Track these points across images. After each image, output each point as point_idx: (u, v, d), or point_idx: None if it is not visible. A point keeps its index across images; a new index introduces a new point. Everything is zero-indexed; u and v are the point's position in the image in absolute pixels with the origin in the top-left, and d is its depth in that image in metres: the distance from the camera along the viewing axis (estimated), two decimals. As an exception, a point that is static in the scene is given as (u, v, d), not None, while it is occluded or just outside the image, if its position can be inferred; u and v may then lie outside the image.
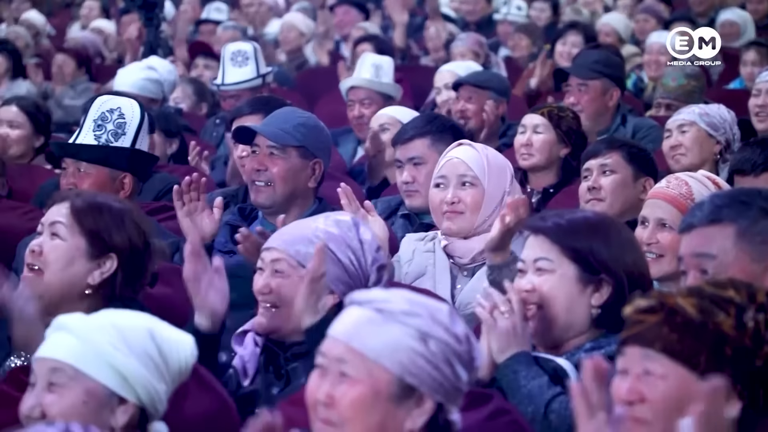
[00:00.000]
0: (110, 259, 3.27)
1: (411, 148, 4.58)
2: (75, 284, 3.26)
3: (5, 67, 8.60)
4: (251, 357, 3.25)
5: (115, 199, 3.40)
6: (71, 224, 3.26)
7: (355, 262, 3.19)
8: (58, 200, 3.32)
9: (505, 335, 2.97)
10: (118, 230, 3.27)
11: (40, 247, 3.27)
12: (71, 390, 2.52)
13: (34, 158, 5.92)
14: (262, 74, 6.71)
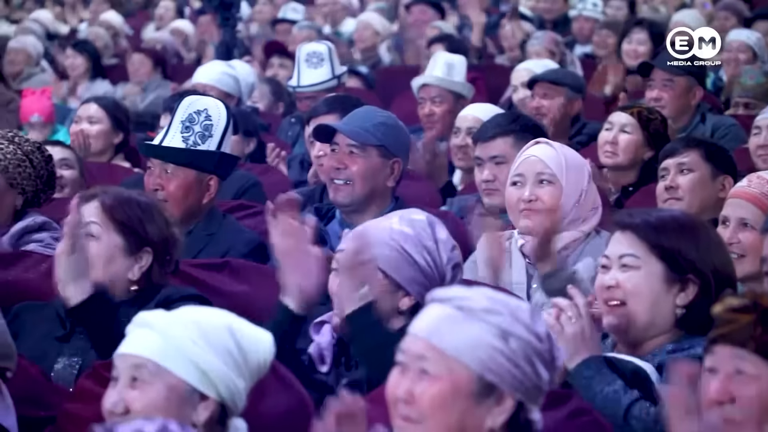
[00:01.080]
0: (147, 253, 3.31)
1: (493, 147, 4.56)
2: (117, 281, 3.30)
3: (85, 67, 8.71)
4: (328, 345, 3.26)
5: (139, 193, 3.44)
6: (105, 222, 3.29)
7: (430, 263, 3.18)
8: (83, 200, 3.33)
9: (573, 340, 2.95)
10: (150, 223, 3.31)
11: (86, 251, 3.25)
12: (154, 386, 2.54)
13: (114, 157, 6.00)
14: (337, 75, 6.73)
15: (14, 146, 4.26)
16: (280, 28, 10.48)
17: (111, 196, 3.33)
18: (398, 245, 3.17)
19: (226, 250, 4.14)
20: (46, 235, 4.21)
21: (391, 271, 3.17)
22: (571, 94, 6.13)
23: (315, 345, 3.26)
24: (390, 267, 3.17)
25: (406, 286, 3.18)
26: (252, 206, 4.78)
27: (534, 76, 6.33)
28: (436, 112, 6.31)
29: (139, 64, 9.05)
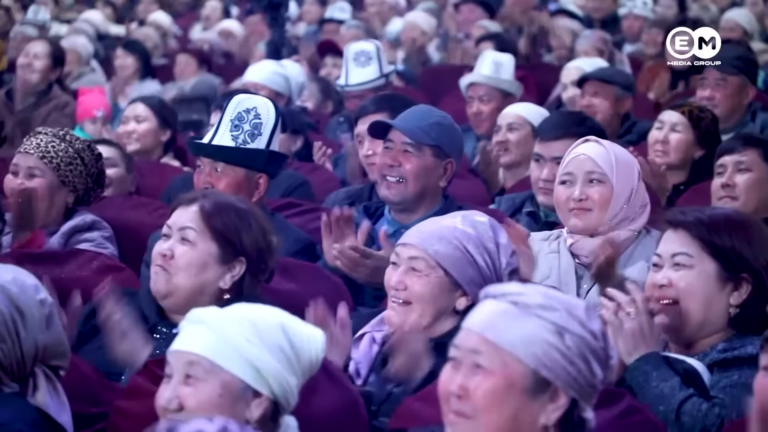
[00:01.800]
0: (240, 263, 3.29)
1: (557, 147, 4.54)
2: (206, 289, 3.29)
3: (135, 67, 8.77)
4: (364, 358, 3.26)
5: (239, 200, 3.42)
6: (202, 229, 3.27)
7: (490, 265, 3.19)
8: (185, 203, 3.32)
9: (632, 336, 2.94)
10: (247, 233, 3.28)
11: (171, 251, 3.28)
12: (208, 383, 2.54)
13: (164, 155, 6.03)
14: (385, 74, 6.74)
15: (66, 144, 4.29)
16: (328, 27, 10.50)
17: (211, 202, 3.29)
18: (461, 244, 3.17)
19: (276, 249, 4.14)
20: (97, 235, 4.24)
21: (451, 269, 3.18)
22: (620, 92, 6.10)
23: (352, 363, 3.27)
24: (451, 265, 3.17)
25: (465, 285, 3.18)
26: (300, 204, 4.79)
27: (584, 75, 6.30)
28: (483, 110, 6.30)
29: (185, 65, 9.10)
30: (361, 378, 3.24)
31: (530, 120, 5.40)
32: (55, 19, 12.04)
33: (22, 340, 2.68)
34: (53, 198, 4.28)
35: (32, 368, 2.72)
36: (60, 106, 7.22)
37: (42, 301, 2.72)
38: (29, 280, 2.73)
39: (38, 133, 4.34)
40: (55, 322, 2.75)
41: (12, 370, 2.69)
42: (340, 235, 3.98)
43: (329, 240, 3.99)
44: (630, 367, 2.94)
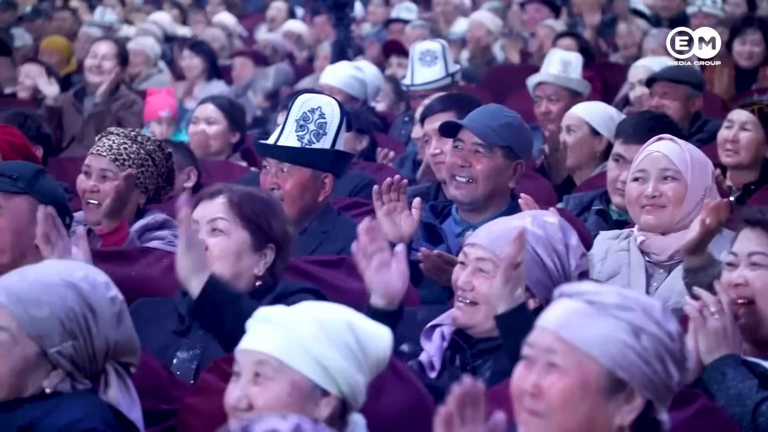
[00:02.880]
0: (271, 250, 3.33)
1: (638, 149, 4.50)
2: (243, 277, 3.31)
3: (201, 68, 8.83)
4: (436, 351, 3.25)
5: (260, 190, 3.46)
6: (233, 219, 3.31)
7: (559, 267, 3.17)
8: (207, 197, 3.35)
9: (715, 335, 2.91)
10: (275, 220, 3.33)
11: (204, 244, 3.25)
12: (277, 382, 2.54)
13: (231, 155, 6.07)
14: (451, 73, 6.72)
15: (137, 146, 4.33)
16: (394, 27, 10.52)
17: (237, 193, 3.34)
18: (529, 246, 3.15)
19: (341, 248, 4.15)
20: (168, 233, 4.27)
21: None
22: (690, 91, 6.04)
23: (425, 353, 3.25)
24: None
25: (533, 287, 3.16)
26: (366, 204, 4.79)
27: (653, 75, 6.25)
28: (552, 110, 6.28)
29: (241, 67, 9.16)
30: (435, 371, 3.23)
31: (588, 120, 5.38)
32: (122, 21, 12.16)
33: (93, 337, 2.70)
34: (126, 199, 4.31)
35: (104, 365, 2.74)
36: (127, 105, 7.28)
37: (113, 299, 2.74)
38: (100, 278, 2.75)
39: (110, 133, 4.38)
40: (125, 319, 2.76)
41: (84, 367, 2.71)
42: (392, 208, 3.97)
43: (382, 211, 3.98)
44: (708, 367, 2.91)
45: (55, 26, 11.58)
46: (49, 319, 2.67)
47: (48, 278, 2.70)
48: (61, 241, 3.26)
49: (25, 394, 2.70)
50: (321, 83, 6.73)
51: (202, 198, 3.37)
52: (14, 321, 2.67)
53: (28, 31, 11.06)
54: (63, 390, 2.71)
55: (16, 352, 2.67)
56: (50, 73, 7.94)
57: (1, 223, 3.61)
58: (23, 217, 3.61)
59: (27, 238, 3.59)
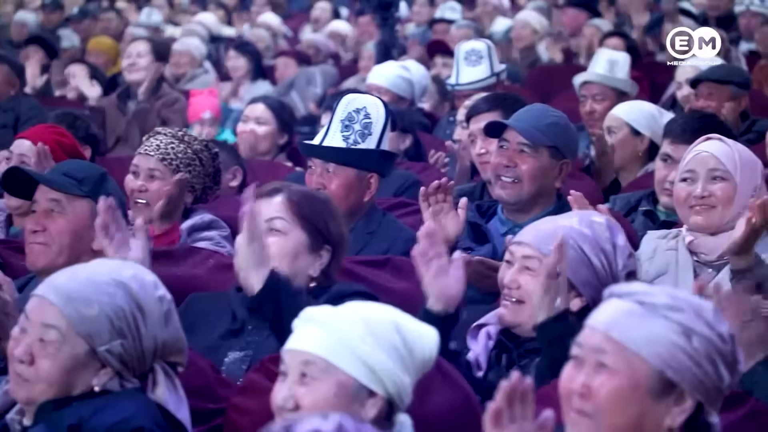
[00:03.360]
0: (326, 251, 3.32)
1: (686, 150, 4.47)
2: (299, 277, 3.30)
3: (246, 68, 8.86)
4: (482, 350, 3.25)
5: (316, 191, 3.44)
6: (292, 219, 3.30)
7: (606, 266, 3.15)
8: (265, 194, 3.33)
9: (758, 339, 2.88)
10: (331, 221, 3.32)
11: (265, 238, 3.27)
12: (323, 382, 2.54)
13: (277, 155, 6.08)
14: (496, 73, 6.71)
15: (184, 145, 4.35)
16: (438, 27, 10.51)
17: (296, 192, 3.33)
18: (576, 245, 3.14)
19: (387, 248, 4.15)
20: (215, 233, 4.29)
21: (567, 271, 3.14)
22: (736, 91, 5.98)
23: (472, 353, 3.25)
24: (567, 266, 3.14)
25: (580, 286, 3.15)
26: (411, 204, 4.79)
27: (697, 76, 6.20)
28: (597, 109, 6.25)
29: (284, 67, 9.18)
30: (482, 370, 3.22)
31: (628, 120, 5.36)
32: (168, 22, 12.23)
33: (142, 336, 2.71)
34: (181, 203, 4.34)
35: (152, 364, 2.75)
36: (170, 103, 7.33)
37: (161, 298, 2.75)
38: (149, 277, 2.76)
39: (157, 133, 4.40)
40: (173, 318, 2.77)
41: (132, 366, 2.72)
42: (439, 209, 3.97)
43: (428, 213, 3.98)
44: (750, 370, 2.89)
45: (102, 27, 11.67)
46: (98, 317, 2.68)
47: (97, 277, 2.72)
48: (119, 233, 3.26)
49: (74, 392, 2.71)
50: (368, 83, 6.73)
51: (260, 196, 3.34)
52: (64, 319, 2.68)
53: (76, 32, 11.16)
54: (112, 389, 2.72)
55: (66, 350, 2.69)
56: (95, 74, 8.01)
57: (62, 223, 3.63)
58: (83, 220, 3.63)
59: (85, 241, 3.62)
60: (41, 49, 8.73)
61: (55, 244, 3.61)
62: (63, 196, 3.63)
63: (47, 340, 2.68)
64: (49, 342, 2.68)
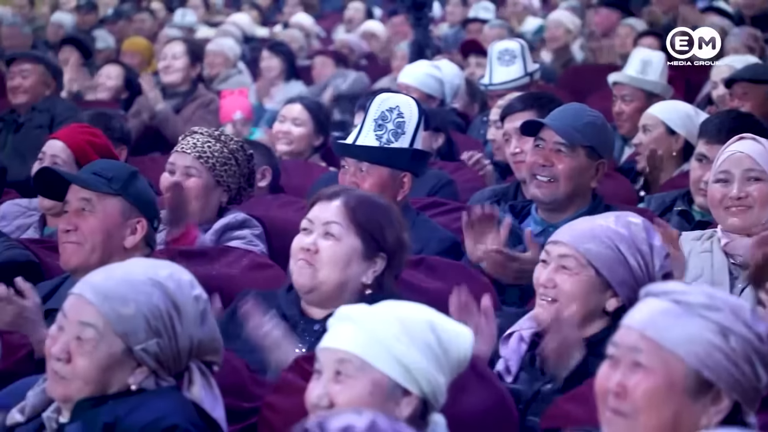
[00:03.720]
0: (381, 259, 3.30)
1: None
2: (350, 284, 3.29)
3: (280, 69, 8.87)
4: (513, 355, 3.24)
5: (377, 196, 3.43)
6: (347, 224, 3.27)
7: (642, 267, 3.15)
8: (325, 198, 3.33)
9: None
10: (389, 229, 3.29)
11: (315, 245, 3.28)
12: (358, 381, 2.55)
13: (311, 156, 6.09)
14: (530, 72, 6.69)
15: (221, 144, 4.36)
16: (472, 27, 10.49)
17: (354, 197, 3.31)
18: (613, 244, 3.14)
19: (421, 248, 4.15)
20: (248, 232, 4.30)
21: (602, 269, 3.14)
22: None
23: (502, 361, 3.25)
24: (603, 265, 3.14)
25: (616, 286, 3.15)
26: (445, 204, 4.79)
27: (731, 76, 6.16)
28: (625, 110, 6.22)
29: (321, 66, 9.18)
30: (512, 375, 3.22)
31: (663, 119, 5.33)
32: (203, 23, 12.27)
33: (178, 335, 2.71)
34: (208, 197, 4.34)
35: (187, 363, 2.76)
36: (205, 104, 7.35)
37: (197, 297, 2.75)
38: (185, 276, 2.77)
39: (193, 132, 4.42)
40: (209, 318, 2.78)
41: (168, 365, 2.73)
42: (481, 233, 3.97)
43: (471, 238, 3.99)
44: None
45: (135, 28, 11.72)
46: (134, 316, 2.69)
47: (134, 276, 2.73)
48: None
49: (110, 390, 2.72)
50: (398, 82, 6.73)
51: (320, 198, 3.34)
52: (101, 318, 2.70)
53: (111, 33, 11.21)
54: (147, 387, 2.73)
55: (103, 348, 2.70)
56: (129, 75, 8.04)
57: (93, 222, 3.65)
58: (114, 218, 3.65)
59: (116, 240, 3.64)
60: (76, 50, 8.78)
61: (87, 242, 3.63)
62: (93, 195, 3.65)
63: (84, 338, 2.70)
64: (86, 340, 2.70)
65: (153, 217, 3.73)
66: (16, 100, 6.70)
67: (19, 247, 3.93)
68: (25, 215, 4.89)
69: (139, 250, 3.67)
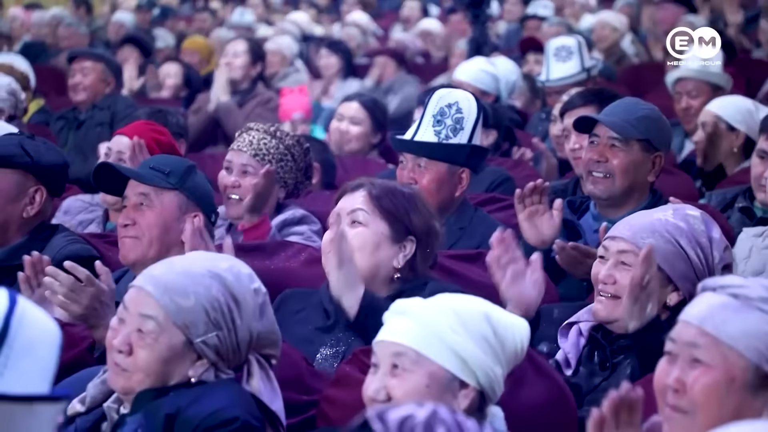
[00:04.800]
0: (410, 242, 3.34)
1: None
2: (382, 268, 3.33)
3: (338, 67, 8.89)
4: (572, 348, 3.22)
5: (403, 185, 3.47)
6: (372, 210, 3.33)
7: (702, 260, 3.12)
8: (350, 190, 3.39)
9: None
10: (415, 213, 3.33)
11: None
12: (414, 374, 2.54)
13: (369, 153, 6.09)
14: (587, 68, 6.66)
15: (276, 141, 4.38)
16: (530, 24, 10.46)
17: (378, 186, 3.38)
18: (672, 238, 3.12)
19: (479, 243, 4.15)
20: (306, 228, 4.31)
21: (664, 264, 3.12)
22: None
23: (561, 351, 3.23)
24: (664, 260, 3.12)
25: (677, 281, 3.13)
26: (503, 199, 4.78)
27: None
28: (693, 105, 6.17)
29: (383, 66, 9.18)
30: (572, 368, 3.21)
31: (722, 115, 5.27)
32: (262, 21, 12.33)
33: (237, 327, 2.72)
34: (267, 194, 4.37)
35: (246, 356, 2.77)
36: (264, 102, 7.39)
37: (256, 290, 2.76)
38: (244, 270, 2.78)
39: (249, 129, 4.44)
40: (268, 310, 2.79)
41: (228, 358, 2.74)
42: (534, 210, 3.95)
43: (523, 215, 3.97)
44: None
45: (196, 27, 11.80)
46: (194, 308, 2.70)
47: (194, 269, 2.74)
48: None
49: (170, 382, 2.74)
50: (453, 79, 6.73)
51: (346, 191, 3.41)
52: (161, 310, 2.71)
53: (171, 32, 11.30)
54: (207, 379, 2.75)
55: (163, 340, 2.71)
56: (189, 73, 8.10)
57: (151, 216, 3.69)
58: (172, 212, 3.69)
59: (174, 233, 3.67)
60: (136, 49, 8.85)
61: (145, 237, 3.67)
62: (151, 190, 3.68)
63: (145, 330, 2.72)
64: (146, 332, 2.72)
65: (210, 212, 3.76)
66: (76, 98, 6.78)
67: (82, 242, 3.97)
68: (87, 210, 4.95)
69: None
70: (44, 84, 8.36)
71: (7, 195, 3.87)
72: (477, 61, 6.88)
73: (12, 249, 3.86)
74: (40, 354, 1.79)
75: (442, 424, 1.74)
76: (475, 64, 6.77)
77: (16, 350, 1.76)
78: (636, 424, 2.20)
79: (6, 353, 1.76)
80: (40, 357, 1.79)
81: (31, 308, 1.81)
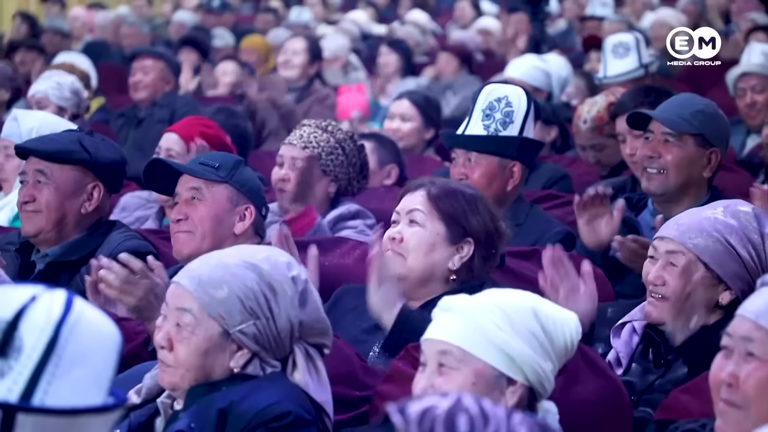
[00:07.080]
0: (468, 244, 3.31)
1: None
2: (437, 269, 3.31)
3: (397, 65, 8.89)
4: (624, 347, 3.20)
5: (467, 186, 3.45)
6: (429, 211, 3.31)
7: (755, 257, 3.08)
8: (412, 189, 3.38)
9: None
10: (474, 215, 3.31)
11: (400, 234, 3.32)
12: (461, 372, 2.53)
13: (425, 150, 6.09)
14: (645, 64, 6.61)
15: (327, 134, 4.39)
16: (589, 24, 10.40)
17: (437, 187, 3.36)
18: (722, 237, 3.08)
19: (535, 240, 4.13)
20: (360, 222, 4.32)
21: (713, 264, 3.08)
22: None
23: (612, 351, 3.21)
24: (712, 260, 3.08)
25: (728, 280, 3.09)
26: (560, 196, 4.76)
27: None
28: (758, 100, 6.11)
29: (445, 63, 9.16)
30: (623, 367, 3.18)
31: None
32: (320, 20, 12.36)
33: (275, 316, 2.70)
34: (315, 187, 4.38)
35: (291, 346, 2.76)
36: (320, 99, 7.41)
37: (294, 278, 2.74)
38: (282, 258, 2.76)
39: (303, 125, 4.46)
40: (311, 299, 2.75)
41: (270, 348, 2.73)
42: (594, 215, 3.93)
43: (584, 221, 3.95)
44: None
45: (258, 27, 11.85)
46: (228, 298, 2.70)
47: (228, 260, 2.74)
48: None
49: (214, 376, 2.73)
50: (505, 76, 6.72)
51: (408, 191, 3.40)
52: (196, 302, 2.71)
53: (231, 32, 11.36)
54: (254, 373, 2.74)
55: (200, 333, 2.71)
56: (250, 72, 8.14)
57: (202, 210, 3.71)
58: (223, 204, 3.71)
59: (226, 226, 3.69)
60: (194, 51, 8.91)
61: (197, 230, 3.69)
62: (202, 183, 3.70)
63: (182, 324, 2.72)
64: (184, 326, 2.72)
65: (261, 205, 3.77)
66: (137, 96, 6.84)
67: (139, 238, 4.00)
68: (144, 207, 4.99)
69: (249, 237, 3.71)
70: (104, 82, 8.45)
71: (65, 191, 3.90)
72: (529, 58, 6.87)
73: (69, 245, 3.90)
74: (95, 362, 1.76)
75: (465, 412, 1.72)
76: (527, 61, 6.76)
77: (66, 360, 1.74)
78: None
79: (55, 363, 1.73)
80: (94, 365, 1.76)
81: (88, 313, 1.78)
